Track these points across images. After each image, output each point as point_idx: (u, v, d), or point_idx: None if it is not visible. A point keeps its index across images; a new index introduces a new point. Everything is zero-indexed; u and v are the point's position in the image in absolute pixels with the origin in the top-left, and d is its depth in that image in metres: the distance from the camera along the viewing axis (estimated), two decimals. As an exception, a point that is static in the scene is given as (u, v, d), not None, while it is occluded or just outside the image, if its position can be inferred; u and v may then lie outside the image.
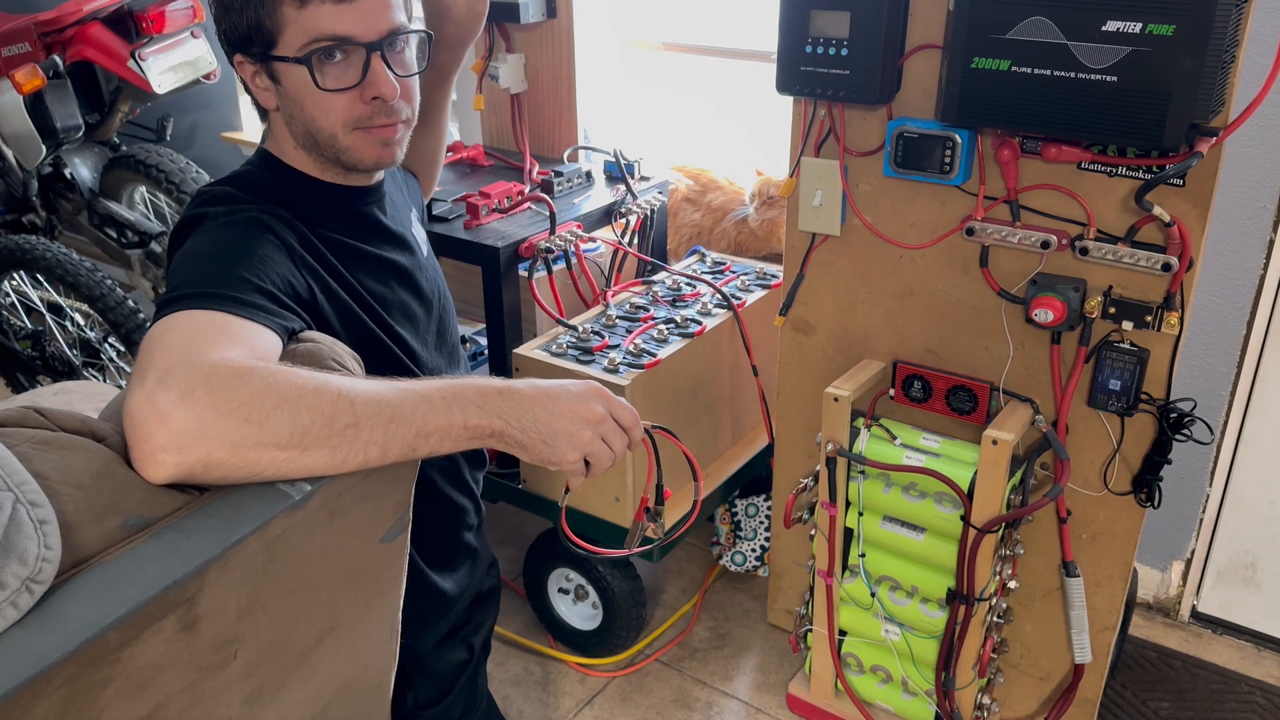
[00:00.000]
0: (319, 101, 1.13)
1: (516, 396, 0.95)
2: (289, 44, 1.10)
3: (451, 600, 1.39)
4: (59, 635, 0.70)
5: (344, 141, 1.15)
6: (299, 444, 0.84)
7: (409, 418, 0.89)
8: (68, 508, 0.76)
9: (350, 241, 1.21)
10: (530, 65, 2.37)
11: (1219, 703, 1.91)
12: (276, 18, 1.09)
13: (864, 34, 1.44)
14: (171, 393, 0.81)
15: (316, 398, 0.85)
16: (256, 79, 1.16)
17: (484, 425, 0.93)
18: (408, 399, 0.90)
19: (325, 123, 1.14)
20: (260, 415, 0.82)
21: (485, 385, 0.95)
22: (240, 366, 0.85)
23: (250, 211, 1.12)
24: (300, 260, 1.12)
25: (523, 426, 0.94)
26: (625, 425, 1.00)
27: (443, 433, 0.91)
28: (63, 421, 0.83)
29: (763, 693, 1.98)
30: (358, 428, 0.86)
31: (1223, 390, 1.92)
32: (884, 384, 1.72)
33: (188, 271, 1.03)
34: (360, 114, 1.14)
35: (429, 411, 0.90)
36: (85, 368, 2.85)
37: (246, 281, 1.02)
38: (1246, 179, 1.77)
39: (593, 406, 0.97)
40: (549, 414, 0.95)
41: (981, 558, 1.54)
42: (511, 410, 0.94)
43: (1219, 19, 1.19)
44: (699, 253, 2.22)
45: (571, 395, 0.97)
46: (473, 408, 0.92)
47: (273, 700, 0.94)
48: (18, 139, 2.75)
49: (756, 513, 2.17)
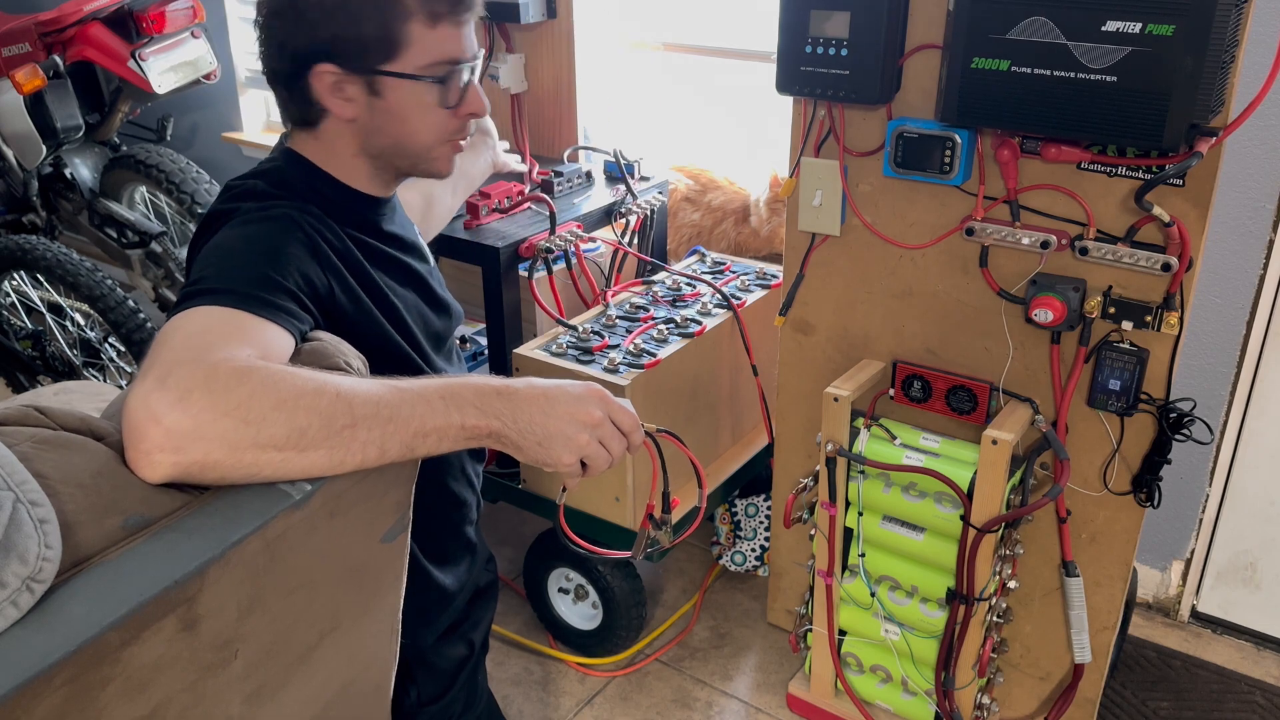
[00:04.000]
0: (424, 116, 1.16)
1: (514, 397, 0.95)
2: (412, 60, 1.12)
3: (451, 595, 1.39)
4: (59, 635, 0.70)
5: (435, 153, 1.21)
6: (296, 445, 0.84)
7: (407, 418, 0.89)
8: (68, 507, 0.76)
9: (371, 242, 1.23)
10: (530, 65, 2.37)
11: (1219, 702, 1.91)
12: (405, 33, 1.11)
13: (864, 34, 1.44)
14: (170, 394, 0.81)
15: (315, 399, 0.85)
16: (342, 89, 1.14)
17: (481, 426, 0.93)
18: (406, 400, 0.90)
19: (425, 137, 1.18)
20: (258, 417, 0.82)
21: (483, 385, 0.95)
22: (240, 367, 0.85)
23: (282, 208, 1.13)
24: (324, 258, 1.13)
25: (519, 428, 0.94)
26: (625, 429, 0.99)
27: (440, 433, 0.91)
28: (63, 420, 0.83)
29: (763, 692, 1.98)
30: (355, 429, 0.86)
31: (1223, 390, 1.92)
32: (884, 384, 1.72)
33: (214, 264, 1.04)
34: (454, 129, 1.20)
35: (427, 412, 0.91)
36: (85, 368, 2.86)
37: (271, 280, 1.02)
38: (1246, 179, 1.77)
39: (590, 410, 0.97)
40: (545, 416, 0.95)
41: (981, 558, 1.54)
42: (509, 411, 0.94)
43: (1219, 19, 1.19)
44: (699, 253, 2.22)
45: (569, 397, 0.97)
46: (470, 408, 0.93)
47: (273, 700, 0.94)
48: (18, 139, 2.75)
49: (756, 513, 2.17)
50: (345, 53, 1.12)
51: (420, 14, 1.11)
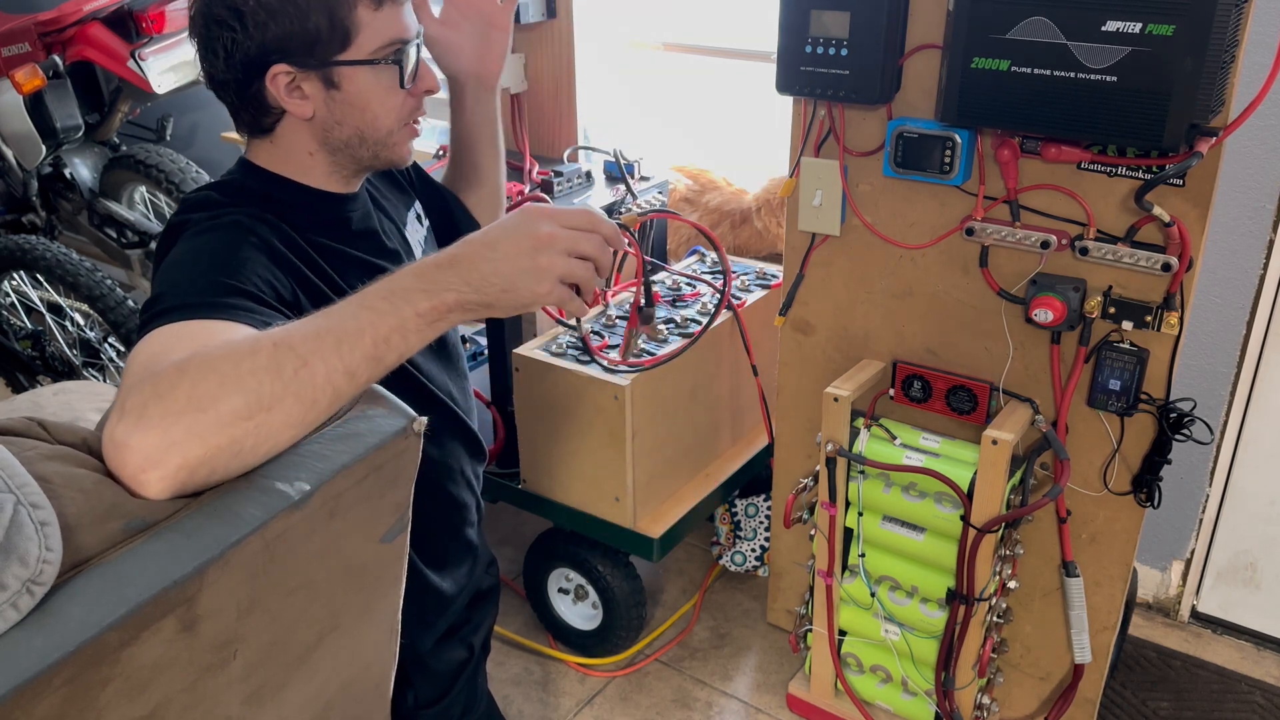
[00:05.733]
0: (384, 100, 1.16)
1: (457, 261, 0.90)
2: (364, 46, 1.12)
3: (450, 599, 1.38)
4: (59, 636, 0.70)
5: (394, 138, 1.19)
6: (260, 408, 0.82)
7: (355, 332, 0.86)
8: (69, 510, 0.76)
9: (336, 245, 1.21)
10: (530, 65, 2.37)
11: (1219, 703, 1.91)
12: (353, 19, 1.10)
13: (864, 34, 1.44)
14: (128, 419, 0.80)
15: (253, 360, 0.83)
16: (298, 88, 1.13)
17: (437, 305, 0.89)
18: (348, 315, 0.87)
19: (386, 121, 1.17)
20: (209, 399, 0.80)
21: (422, 265, 0.90)
22: (177, 363, 0.83)
23: (232, 215, 1.12)
24: (283, 261, 1.11)
25: (476, 286, 0.89)
26: (583, 226, 0.93)
27: (401, 331, 0.88)
28: (62, 436, 0.83)
29: (763, 693, 1.98)
30: (309, 366, 0.84)
31: (1223, 390, 1.92)
32: (884, 384, 1.72)
33: (168, 281, 1.03)
34: (412, 108, 1.19)
35: (374, 318, 0.87)
36: (85, 368, 2.85)
37: (224, 285, 1.01)
38: (1246, 179, 1.77)
39: (536, 229, 0.90)
40: (493, 261, 0.89)
41: (981, 558, 1.54)
42: (456, 277, 0.89)
43: (1219, 19, 1.19)
44: (699, 253, 2.22)
45: (509, 229, 0.90)
46: (417, 294, 0.88)
47: (273, 700, 0.94)
48: (18, 139, 2.75)
49: (756, 513, 2.17)
50: (297, 50, 1.10)
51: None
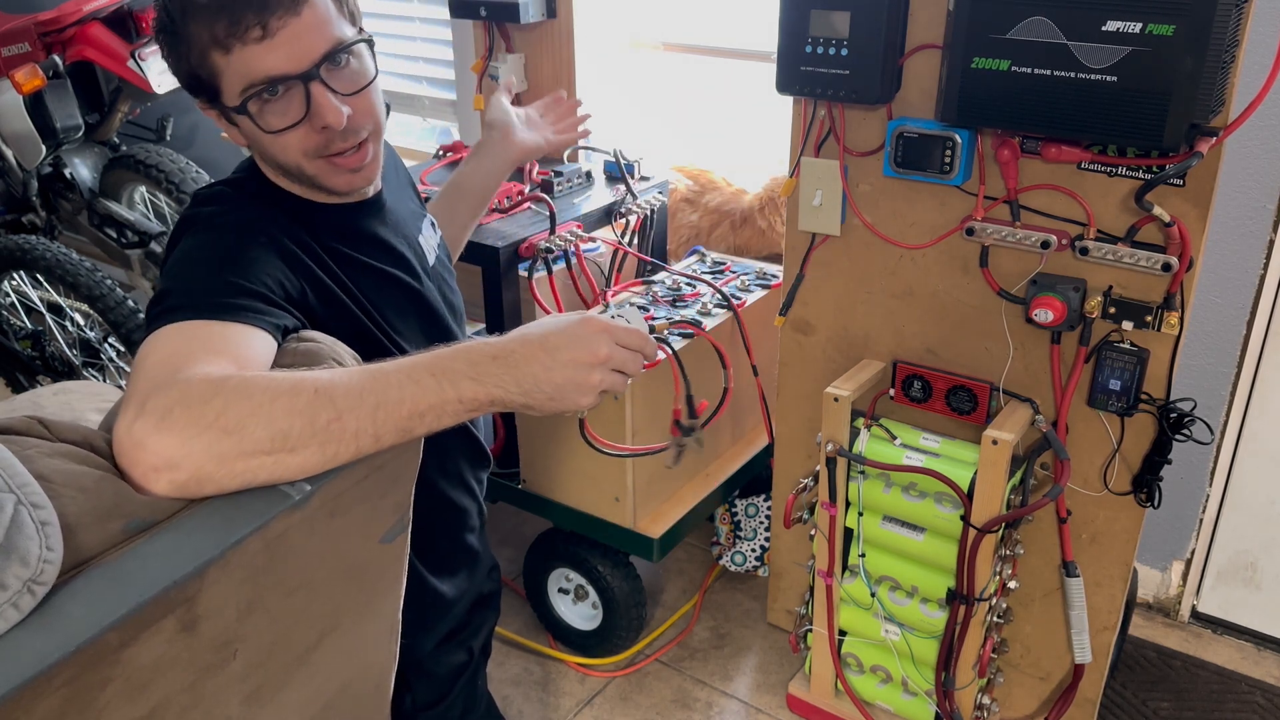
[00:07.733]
0: (272, 141, 1.12)
1: (512, 359, 0.91)
2: (229, 92, 1.09)
3: (450, 604, 1.38)
4: (59, 636, 0.70)
5: (310, 170, 1.14)
6: (283, 447, 0.83)
7: (396, 401, 0.87)
8: (70, 510, 0.76)
9: (347, 251, 1.20)
10: (530, 65, 2.37)
11: (1219, 703, 1.91)
12: (209, 68, 1.08)
13: (864, 34, 1.44)
14: (149, 419, 0.81)
15: (292, 399, 0.84)
16: (220, 121, 1.15)
17: (481, 396, 0.90)
18: (392, 383, 0.88)
19: (286, 158, 1.13)
20: (237, 425, 0.81)
21: (476, 352, 0.91)
22: (213, 379, 0.84)
23: (243, 213, 1.12)
24: (293, 259, 1.11)
25: (524, 389, 0.90)
26: (635, 347, 0.95)
27: (438, 410, 0.89)
28: (64, 434, 0.83)
29: (763, 693, 1.98)
30: (341, 421, 0.85)
31: (1223, 390, 1.92)
32: (884, 384, 1.72)
33: (177, 277, 1.04)
34: (317, 144, 1.12)
35: (418, 392, 0.88)
36: (85, 368, 2.85)
37: (234, 285, 1.01)
38: (1246, 179, 1.77)
39: (595, 348, 0.92)
40: (549, 370, 0.91)
41: (981, 558, 1.54)
42: (509, 375, 0.90)
43: (1219, 19, 1.19)
44: (699, 253, 2.21)
45: (571, 341, 0.92)
46: (465, 380, 0.89)
47: (272, 700, 0.94)
48: (18, 139, 2.75)
49: (756, 513, 2.17)
50: (191, 90, 1.13)
51: (211, 45, 1.06)
